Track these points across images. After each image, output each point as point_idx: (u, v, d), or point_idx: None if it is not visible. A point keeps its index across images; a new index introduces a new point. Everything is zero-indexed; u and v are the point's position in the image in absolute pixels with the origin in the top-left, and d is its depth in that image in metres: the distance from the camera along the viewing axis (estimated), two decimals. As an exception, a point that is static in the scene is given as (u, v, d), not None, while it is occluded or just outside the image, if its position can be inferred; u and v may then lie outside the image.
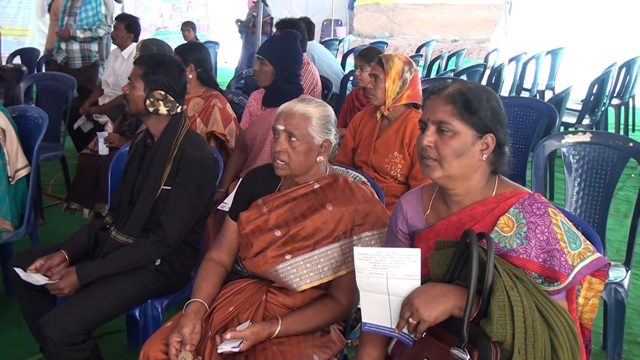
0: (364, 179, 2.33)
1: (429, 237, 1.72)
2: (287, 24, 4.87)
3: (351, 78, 5.33)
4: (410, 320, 1.50)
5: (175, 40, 10.65)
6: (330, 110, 2.11)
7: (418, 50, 8.93)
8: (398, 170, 2.91)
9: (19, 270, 2.28)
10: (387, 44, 9.66)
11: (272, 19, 8.66)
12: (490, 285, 1.45)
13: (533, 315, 1.44)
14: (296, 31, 3.47)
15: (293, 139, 2.00)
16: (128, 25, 5.10)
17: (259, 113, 3.36)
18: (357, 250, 1.59)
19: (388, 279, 1.56)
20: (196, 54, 3.47)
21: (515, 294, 1.45)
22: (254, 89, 5.13)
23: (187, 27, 8.50)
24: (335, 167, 2.34)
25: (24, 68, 5.12)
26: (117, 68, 5.31)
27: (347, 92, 6.14)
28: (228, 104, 3.50)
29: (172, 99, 2.42)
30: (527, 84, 7.39)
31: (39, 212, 4.35)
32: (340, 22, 17.07)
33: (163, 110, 2.41)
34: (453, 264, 1.56)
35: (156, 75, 2.41)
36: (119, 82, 5.26)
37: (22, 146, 3.18)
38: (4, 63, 6.97)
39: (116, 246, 2.37)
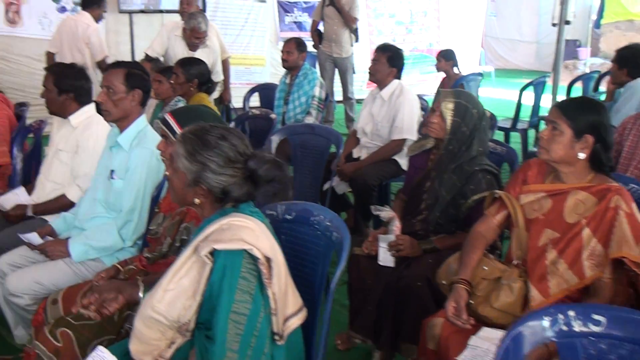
0: None
1: None
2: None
3: None
4: None
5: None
6: None
7: None
8: None
9: None
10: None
11: None
12: None
13: None
14: None
15: None
16: (390, 57, 3.94)
17: None
18: None
19: None
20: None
21: None
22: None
23: (445, 59, 6.15)
24: None
25: (273, 115, 3.99)
26: (376, 113, 4.08)
27: None
28: (634, 204, 1.98)
29: None
30: None
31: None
32: (578, 43, 14.76)
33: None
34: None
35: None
36: (379, 129, 4.03)
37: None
38: (237, 96, 6.10)
39: None
